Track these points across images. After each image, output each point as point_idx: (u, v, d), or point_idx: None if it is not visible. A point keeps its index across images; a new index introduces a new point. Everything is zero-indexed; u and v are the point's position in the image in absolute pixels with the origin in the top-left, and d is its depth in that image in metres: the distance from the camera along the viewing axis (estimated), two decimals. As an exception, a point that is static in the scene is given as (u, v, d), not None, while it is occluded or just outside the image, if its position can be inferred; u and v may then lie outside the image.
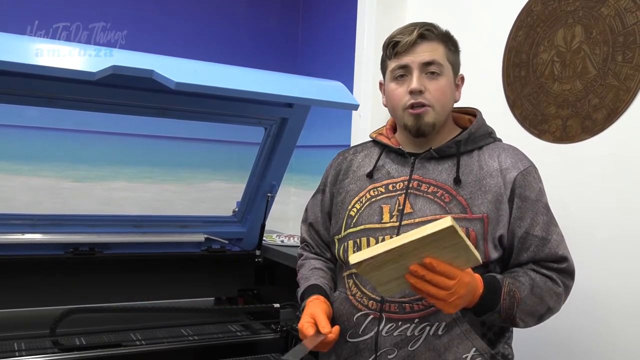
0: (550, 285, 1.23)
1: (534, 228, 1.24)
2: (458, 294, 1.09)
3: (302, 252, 1.54)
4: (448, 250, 1.04)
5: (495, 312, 1.17)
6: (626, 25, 1.64)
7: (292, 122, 1.98)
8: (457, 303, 1.11)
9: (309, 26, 3.24)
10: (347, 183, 1.40)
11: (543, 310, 1.23)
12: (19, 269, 1.97)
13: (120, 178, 2.82)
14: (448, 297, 1.09)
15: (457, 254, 1.06)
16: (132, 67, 1.44)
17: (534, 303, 1.20)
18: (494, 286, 1.18)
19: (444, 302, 1.10)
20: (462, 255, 1.06)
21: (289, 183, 3.13)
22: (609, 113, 1.68)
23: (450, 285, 1.08)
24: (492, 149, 1.32)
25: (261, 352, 1.81)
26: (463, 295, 1.11)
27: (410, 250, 1.03)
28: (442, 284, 1.07)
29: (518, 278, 1.22)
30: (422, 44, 1.28)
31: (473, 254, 1.05)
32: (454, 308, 1.12)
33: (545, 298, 1.22)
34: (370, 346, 1.26)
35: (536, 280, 1.22)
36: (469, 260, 1.08)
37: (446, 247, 1.03)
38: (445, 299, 1.09)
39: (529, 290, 1.20)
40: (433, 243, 1.02)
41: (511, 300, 1.18)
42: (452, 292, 1.08)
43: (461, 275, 1.09)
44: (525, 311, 1.20)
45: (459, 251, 1.05)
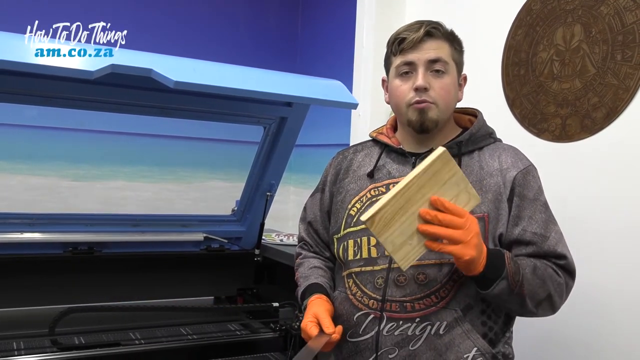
0: (551, 272, 1.22)
1: (532, 226, 1.24)
2: (473, 230, 1.09)
3: (301, 251, 1.54)
4: (448, 186, 1.07)
5: (502, 278, 1.14)
6: (625, 24, 1.64)
7: (291, 121, 1.98)
8: (474, 242, 1.09)
9: (309, 25, 3.24)
10: (347, 182, 1.40)
11: (544, 293, 1.20)
12: (18, 268, 1.97)
13: (119, 177, 2.81)
14: (464, 236, 1.07)
15: (458, 190, 1.08)
16: (130, 66, 1.44)
17: (535, 283, 1.18)
18: (496, 252, 1.17)
19: (462, 244, 1.07)
20: (462, 190, 1.09)
21: (288, 182, 3.13)
22: (608, 112, 1.68)
23: (462, 223, 1.07)
24: (493, 149, 1.32)
25: (260, 351, 1.81)
26: (478, 233, 1.10)
27: (415, 192, 1.05)
28: (454, 222, 1.07)
29: (520, 258, 1.21)
30: (428, 42, 1.28)
31: (471, 188, 1.09)
32: (473, 248, 1.09)
33: (546, 281, 1.20)
34: (371, 346, 1.26)
35: (537, 264, 1.21)
36: (470, 196, 1.10)
37: (446, 181, 1.06)
38: (462, 239, 1.07)
39: (531, 269, 1.19)
40: (433, 179, 1.05)
41: (516, 266, 1.16)
42: (467, 229, 1.07)
43: (468, 214, 1.10)
44: (528, 290, 1.18)
45: (458, 184, 1.08)
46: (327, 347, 1.24)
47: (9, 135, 2.51)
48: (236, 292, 2.33)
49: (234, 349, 1.79)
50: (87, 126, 2.67)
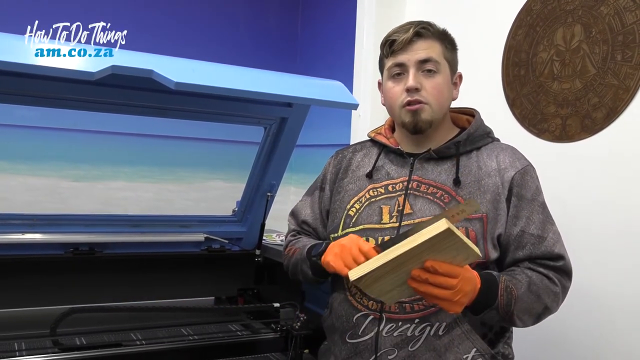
0: (547, 283, 1.23)
1: (530, 226, 1.24)
2: (463, 291, 1.09)
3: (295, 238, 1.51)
4: (447, 251, 1.05)
5: (493, 308, 1.16)
6: (625, 24, 1.65)
7: (292, 121, 1.98)
8: (462, 301, 1.10)
9: (309, 25, 3.24)
10: (347, 182, 1.40)
11: (540, 308, 1.22)
12: (19, 268, 1.96)
13: (119, 178, 2.82)
14: (453, 297, 1.08)
15: (457, 253, 1.06)
16: (131, 67, 1.43)
17: (531, 300, 1.20)
18: (490, 282, 1.17)
19: (449, 302, 1.09)
20: (461, 253, 1.06)
21: (288, 182, 3.13)
22: (609, 112, 1.68)
23: (453, 284, 1.07)
24: (491, 149, 1.33)
25: (261, 351, 1.81)
26: (467, 292, 1.10)
27: (409, 258, 1.03)
28: (445, 284, 1.07)
29: (515, 276, 1.22)
30: (418, 42, 1.28)
31: (472, 250, 1.05)
32: (460, 306, 1.11)
33: (542, 296, 1.21)
34: (370, 347, 1.26)
35: (533, 278, 1.21)
36: (469, 256, 1.08)
37: (445, 248, 1.03)
38: (450, 299, 1.08)
39: (526, 287, 1.19)
40: (431, 247, 1.02)
41: (508, 296, 1.17)
42: (457, 290, 1.08)
43: (463, 272, 1.09)
44: (523, 309, 1.19)
45: (458, 250, 1.05)
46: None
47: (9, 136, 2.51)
48: (237, 292, 2.32)
49: (234, 350, 1.79)
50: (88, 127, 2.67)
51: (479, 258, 1.10)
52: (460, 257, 1.08)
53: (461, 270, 1.09)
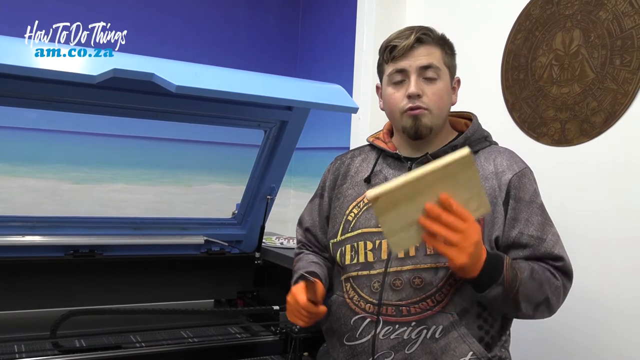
0: (549, 275, 1.22)
1: (529, 228, 1.24)
2: (471, 238, 1.07)
3: (300, 250, 1.55)
4: (462, 189, 1.04)
5: (498, 284, 1.14)
6: (624, 29, 1.65)
7: (292, 124, 1.98)
8: (470, 250, 1.07)
9: (309, 29, 3.25)
10: (345, 188, 1.41)
11: (541, 297, 1.20)
12: (19, 270, 1.97)
13: (119, 180, 2.82)
14: (461, 241, 1.06)
15: (471, 194, 1.06)
16: (132, 71, 1.44)
17: (533, 287, 1.18)
18: (496, 257, 1.16)
19: (456, 248, 1.06)
20: (474, 196, 1.06)
21: (288, 185, 3.14)
22: (607, 116, 1.69)
23: (464, 228, 1.05)
24: (488, 153, 1.33)
25: (261, 354, 1.81)
26: (477, 242, 1.08)
27: (427, 186, 1.02)
28: (456, 225, 1.05)
29: (518, 263, 1.21)
30: (419, 48, 1.28)
31: (485, 197, 1.07)
32: (467, 256, 1.07)
33: (544, 285, 1.20)
34: (367, 349, 1.26)
35: (535, 267, 1.21)
36: (481, 204, 1.08)
37: (461, 183, 1.03)
38: (459, 243, 1.06)
39: (529, 273, 1.18)
40: (449, 177, 1.02)
41: (513, 272, 1.15)
42: (466, 235, 1.06)
43: (472, 219, 1.08)
44: (524, 294, 1.18)
45: (472, 189, 1.05)
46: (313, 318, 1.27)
47: (10, 138, 2.52)
48: (236, 295, 2.33)
49: (234, 352, 1.79)
50: (88, 129, 2.68)
51: (488, 210, 1.12)
52: (473, 203, 1.07)
53: (470, 215, 1.07)
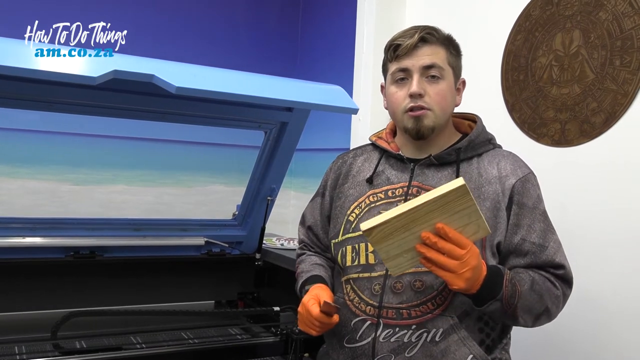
0: (549, 285, 1.22)
1: (531, 235, 1.24)
2: (470, 264, 1.07)
3: (302, 251, 1.55)
4: (458, 216, 1.04)
5: (497, 300, 1.15)
6: (624, 29, 1.65)
7: (292, 126, 1.98)
8: (467, 276, 1.08)
9: (309, 30, 3.25)
10: (347, 188, 1.41)
11: (541, 309, 1.21)
12: (20, 272, 1.97)
13: (120, 181, 2.82)
14: (459, 268, 1.07)
15: (468, 221, 1.05)
16: (132, 72, 1.44)
17: (533, 299, 1.19)
18: (496, 273, 1.16)
19: (454, 273, 1.07)
20: (472, 222, 1.05)
21: (288, 186, 3.14)
22: (607, 117, 1.69)
23: (461, 255, 1.06)
24: (492, 156, 1.32)
25: (261, 355, 1.81)
26: (474, 267, 1.08)
27: (422, 215, 1.02)
28: (453, 252, 1.06)
29: (519, 273, 1.21)
30: (423, 47, 1.28)
31: (483, 221, 1.05)
32: (464, 281, 1.09)
33: (544, 296, 1.21)
34: (368, 352, 1.26)
35: (536, 278, 1.21)
36: (479, 228, 1.07)
37: (457, 212, 1.03)
38: (456, 270, 1.07)
39: (529, 285, 1.19)
40: (445, 207, 1.02)
41: (513, 288, 1.16)
42: (464, 262, 1.06)
43: (471, 245, 1.08)
44: (524, 307, 1.18)
45: (470, 217, 1.04)
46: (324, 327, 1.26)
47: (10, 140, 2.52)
48: (237, 296, 2.33)
49: (234, 353, 1.79)
50: (88, 130, 2.68)
51: (487, 233, 1.10)
52: (470, 228, 1.06)
53: (469, 242, 1.08)
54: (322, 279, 1.39)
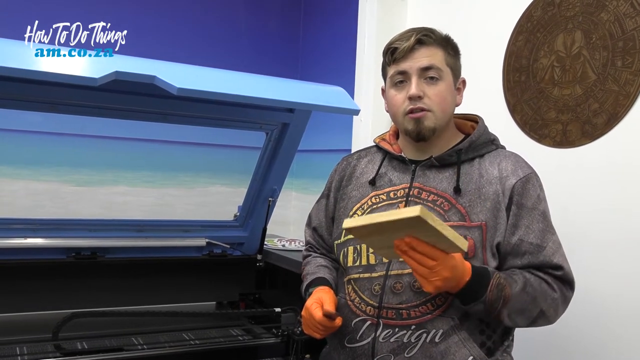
0: (545, 287, 1.21)
1: (529, 235, 1.23)
2: (440, 275, 1.09)
3: (308, 253, 1.56)
4: (427, 235, 1.05)
5: (480, 302, 1.16)
6: (626, 30, 1.65)
7: (293, 127, 1.99)
8: (437, 284, 1.10)
9: (310, 31, 3.25)
10: (350, 189, 1.41)
11: (535, 311, 1.21)
12: (21, 273, 1.97)
13: (121, 182, 2.82)
14: (429, 276, 1.09)
15: (437, 240, 1.06)
16: (134, 73, 1.44)
17: (524, 301, 1.19)
18: (482, 276, 1.17)
19: (425, 279, 1.10)
20: (442, 241, 1.06)
21: (290, 187, 3.14)
22: (609, 118, 1.68)
23: (431, 265, 1.08)
24: (494, 157, 1.32)
25: (262, 356, 1.81)
26: (446, 278, 1.10)
27: (391, 228, 1.04)
28: (423, 262, 1.08)
29: (512, 275, 1.21)
30: (420, 49, 1.28)
31: (453, 243, 1.05)
32: (434, 288, 1.11)
33: (538, 299, 1.20)
34: (367, 352, 1.26)
35: (530, 280, 1.20)
36: (451, 247, 1.08)
37: (423, 232, 1.04)
38: (427, 277, 1.09)
39: (521, 287, 1.18)
40: (408, 227, 1.03)
41: (499, 293, 1.16)
42: (434, 272, 1.08)
43: (445, 258, 1.09)
44: (516, 309, 1.18)
45: (438, 238, 1.04)
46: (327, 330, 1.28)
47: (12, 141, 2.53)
48: (238, 297, 2.33)
49: (236, 355, 1.80)
50: (90, 132, 2.68)
51: (461, 252, 1.10)
52: (443, 245, 1.08)
53: (442, 255, 1.08)
54: (326, 281, 1.40)
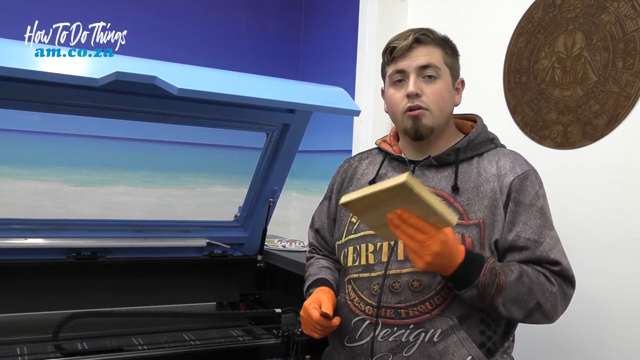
0: (543, 280, 1.20)
1: (527, 231, 1.23)
2: (431, 249, 1.09)
3: (311, 254, 1.57)
4: (417, 207, 1.05)
5: (473, 286, 1.15)
6: (626, 32, 1.65)
7: (294, 127, 1.99)
8: (428, 259, 1.10)
9: (311, 32, 3.25)
10: (351, 190, 1.41)
11: (531, 303, 1.19)
12: (21, 273, 1.97)
13: (122, 183, 2.83)
14: (420, 250, 1.09)
15: (426, 211, 1.06)
16: (135, 74, 1.44)
17: (520, 291, 1.17)
18: (475, 260, 1.16)
19: (415, 254, 1.11)
20: (430, 214, 1.07)
21: (290, 188, 3.14)
22: (610, 119, 1.68)
23: (421, 239, 1.08)
24: (493, 155, 1.32)
25: (263, 357, 1.81)
26: (437, 253, 1.10)
27: (384, 199, 1.05)
28: (414, 236, 1.08)
29: (508, 265, 1.20)
30: (418, 48, 1.29)
31: (441, 216, 1.06)
32: (425, 264, 1.11)
33: (534, 290, 1.18)
34: (366, 351, 1.27)
35: (527, 271, 1.19)
36: (441, 221, 1.08)
37: (412, 203, 1.04)
38: (417, 251, 1.10)
39: (517, 276, 1.17)
40: (398, 197, 1.04)
41: (492, 278, 1.15)
42: (425, 245, 1.09)
43: (435, 233, 1.09)
44: (510, 298, 1.17)
45: (426, 208, 1.05)
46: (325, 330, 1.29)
47: (13, 141, 2.53)
48: (238, 298, 2.33)
49: (236, 355, 1.79)
50: (90, 132, 2.68)
51: (450, 225, 1.10)
52: (433, 218, 1.08)
53: (433, 229, 1.08)
54: (326, 281, 1.41)
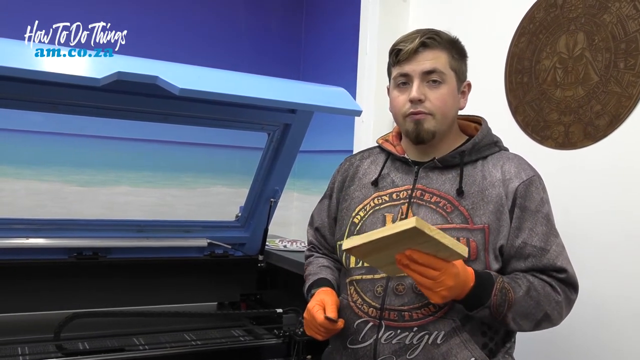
0: (549, 290, 1.22)
1: (533, 238, 1.23)
2: (445, 284, 1.10)
3: (310, 253, 1.56)
4: (426, 246, 1.05)
5: (485, 307, 1.16)
6: (628, 32, 1.65)
7: (295, 127, 1.98)
8: (443, 294, 1.11)
9: (312, 32, 3.25)
10: (353, 190, 1.41)
11: (539, 315, 1.21)
12: (23, 273, 1.97)
13: (123, 183, 2.83)
14: (434, 287, 1.10)
15: (437, 249, 1.06)
16: (136, 74, 1.44)
17: (529, 305, 1.19)
18: (485, 281, 1.17)
19: (430, 290, 1.11)
20: (442, 250, 1.06)
21: (291, 188, 3.14)
22: (611, 119, 1.68)
23: (434, 276, 1.09)
24: (497, 159, 1.32)
25: (264, 357, 1.81)
26: (451, 287, 1.11)
27: (391, 242, 1.04)
28: (426, 273, 1.09)
29: (515, 279, 1.21)
30: (423, 52, 1.27)
31: (453, 250, 1.06)
32: (441, 298, 1.12)
33: (542, 302, 1.20)
34: (369, 353, 1.26)
35: (534, 284, 1.21)
36: (452, 255, 1.08)
37: (422, 243, 1.04)
38: (431, 288, 1.10)
39: (525, 291, 1.19)
40: (406, 240, 1.03)
41: (503, 297, 1.16)
42: (438, 282, 1.09)
43: (447, 267, 1.09)
44: (520, 313, 1.19)
45: (437, 247, 1.05)
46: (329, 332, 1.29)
47: (14, 141, 2.53)
48: (239, 298, 2.33)
49: (237, 355, 1.79)
50: (92, 132, 2.68)
51: (462, 258, 1.10)
52: (443, 254, 1.08)
53: (445, 264, 1.09)
54: (328, 282, 1.40)
